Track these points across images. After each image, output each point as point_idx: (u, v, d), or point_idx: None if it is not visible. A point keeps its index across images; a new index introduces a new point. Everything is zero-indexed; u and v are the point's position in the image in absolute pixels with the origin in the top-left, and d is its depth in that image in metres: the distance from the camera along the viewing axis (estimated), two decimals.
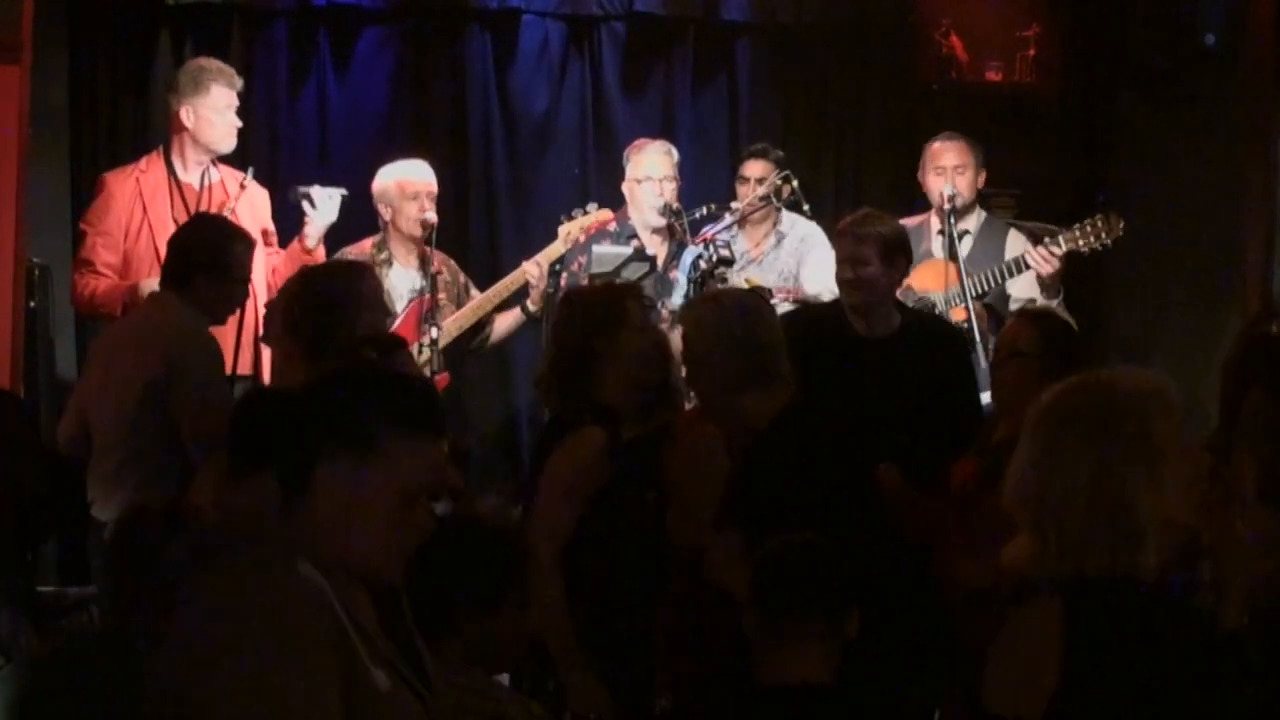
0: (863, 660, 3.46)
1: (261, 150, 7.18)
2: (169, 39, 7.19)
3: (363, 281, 4.82)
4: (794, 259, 6.58)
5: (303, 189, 6.18)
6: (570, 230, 6.55)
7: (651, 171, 6.48)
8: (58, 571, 6.28)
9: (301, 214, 6.17)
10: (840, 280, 5.07)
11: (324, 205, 6.16)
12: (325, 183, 6.27)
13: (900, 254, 5.05)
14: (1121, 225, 6.05)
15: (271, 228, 6.30)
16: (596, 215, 6.59)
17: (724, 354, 4.05)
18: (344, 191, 6.22)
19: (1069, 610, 2.55)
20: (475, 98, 7.51)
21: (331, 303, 4.63)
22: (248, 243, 5.23)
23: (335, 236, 6.50)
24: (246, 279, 5.17)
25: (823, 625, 3.25)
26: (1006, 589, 2.72)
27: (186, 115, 6.09)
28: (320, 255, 6.14)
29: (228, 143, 6.15)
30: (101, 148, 7.10)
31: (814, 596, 3.25)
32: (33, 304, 6.45)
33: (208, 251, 5.01)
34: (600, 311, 4.32)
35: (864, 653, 3.46)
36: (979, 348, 5.57)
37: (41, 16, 6.20)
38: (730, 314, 4.13)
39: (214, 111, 6.09)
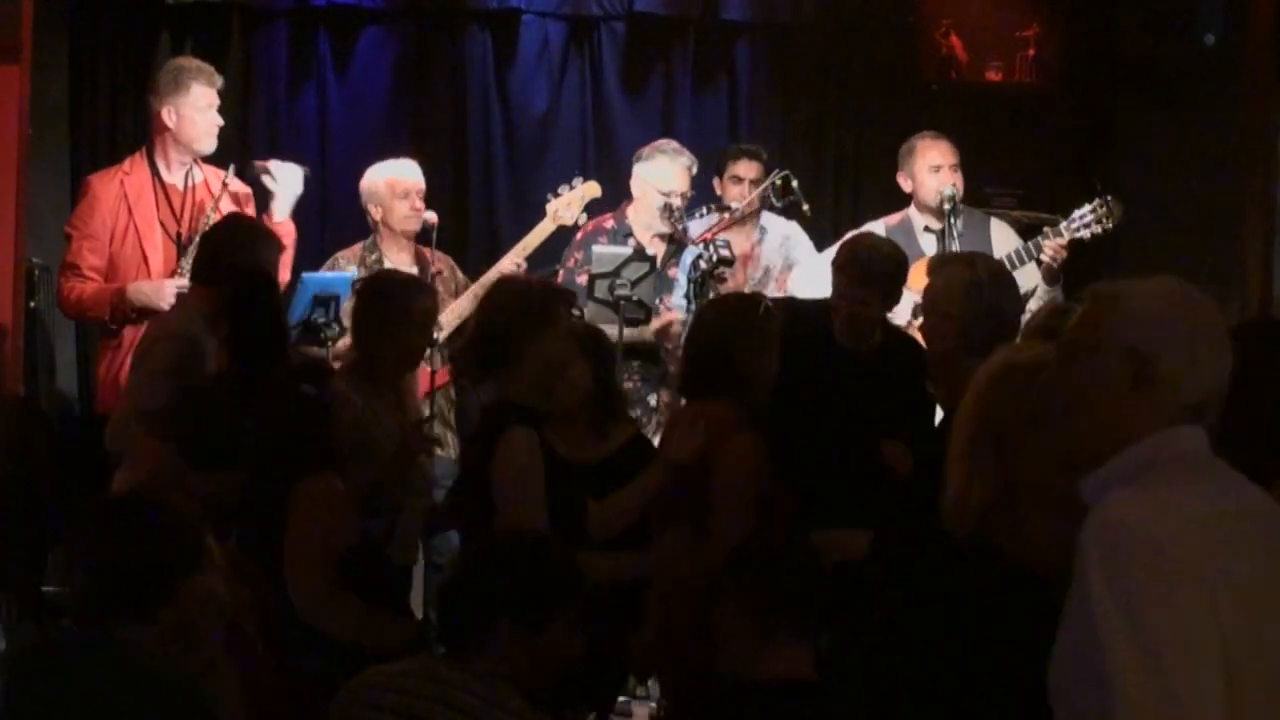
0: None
1: (261, 150, 7.16)
2: (169, 39, 7.19)
3: (414, 301, 4.88)
4: (779, 256, 6.56)
5: (260, 164, 6.20)
6: (557, 208, 6.49)
7: (674, 185, 6.41)
8: (60, 571, 6.28)
9: (266, 191, 6.18)
10: (835, 308, 4.93)
11: (285, 178, 6.16)
12: (323, 182, 6.27)
13: (898, 286, 4.95)
14: (1120, 209, 6.07)
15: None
16: (584, 189, 6.53)
17: (971, 315, 4.08)
18: (305, 168, 6.24)
19: None
20: (475, 98, 7.51)
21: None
22: (278, 246, 5.25)
23: (337, 242, 6.52)
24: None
25: (809, 622, 3.27)
26: None
27: (168, 115, 6.07)
28: (290, 228, 6.12)
29: (208, 142, 6.13)
30: (101, 148, 7.09)
31: (802, 593, 3.26)
32: (33, 304, 6.45)
33: (239, 251, 5.02)
34: (528, 307, 4.23)
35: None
36: None
37: (41, 16, 6.19)
38: (983, 278, 4.24)
39: (195, 110, 6.07)
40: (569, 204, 6.49)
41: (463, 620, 3.02)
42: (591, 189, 6.54)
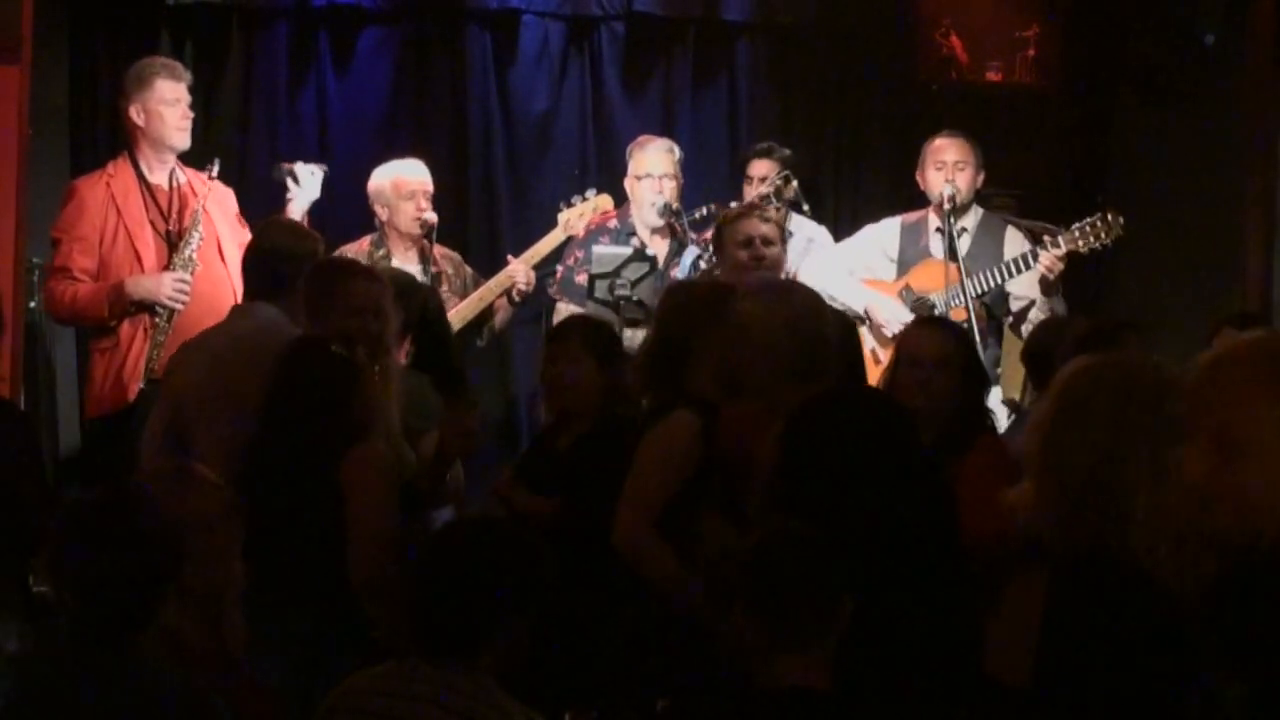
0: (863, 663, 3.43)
1: (261, 150, 7.19)
2: (169, 39, 7.19)
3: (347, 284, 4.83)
4: (800, 259, 6.57)
5: (287, 165, 6.18)
6: (569, 218, 6.53)
7: (652, 169, 6.47)
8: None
9: (283, 190, 6.16)
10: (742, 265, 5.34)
11: (307, 182, 6.15)
12: (321, 183, 6.26)
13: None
14: (1121, 224, 6.06)
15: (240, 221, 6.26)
16: (596, 201, 6.58)
17: (787, 344, 4.11)
18: (324, 168, 6.23)
19: (1053, 582, 2.66)
20: (475, 98, 7.51)
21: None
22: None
23: (336, 236, 6.51)
24: None
25: (817, 625, 3.17)
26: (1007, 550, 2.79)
27: (136, 113, 6.03)
28: None
29: (181, 138, 6.06)
30: (101, 148, 7.07)
31: (809, 597, 3.16)
32: (33, 304, 6.44)
33: (304, 260, 4.94)
34: (703, 307, 4.39)
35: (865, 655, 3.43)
36: (979, 348, 5.56)
37: (41, 16, 6.19)
38: (797, 307, 4.26)
39: (161, 104, 6.01)
40: (581, 215, 6.53)
41: (443, 619, 3.00)
42: (604, 201, 6.58)
